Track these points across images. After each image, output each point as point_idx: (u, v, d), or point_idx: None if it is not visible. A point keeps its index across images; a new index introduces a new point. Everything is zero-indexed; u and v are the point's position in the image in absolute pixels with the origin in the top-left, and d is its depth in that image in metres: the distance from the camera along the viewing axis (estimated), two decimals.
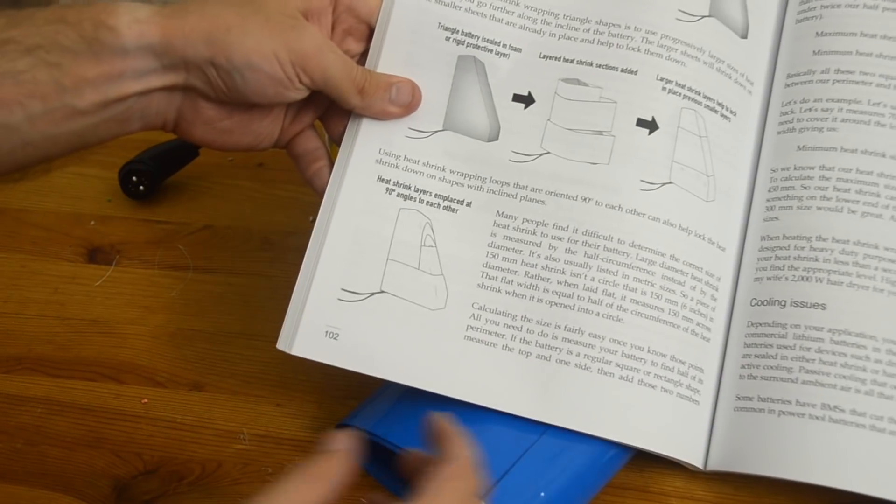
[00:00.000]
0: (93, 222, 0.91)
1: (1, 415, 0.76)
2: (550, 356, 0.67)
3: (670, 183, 0.70)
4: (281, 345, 0.69)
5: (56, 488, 0.71)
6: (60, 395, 0.77)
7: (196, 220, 0.91)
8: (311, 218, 0.89)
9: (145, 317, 0.83)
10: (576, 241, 0.69)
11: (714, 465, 0.68)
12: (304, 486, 0.52)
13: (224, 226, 0.90)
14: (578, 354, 0.67)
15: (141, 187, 0.91)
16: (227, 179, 0.94)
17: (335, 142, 0.74)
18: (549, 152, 0.71)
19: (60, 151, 0.65)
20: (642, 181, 0.70)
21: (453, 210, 0.70)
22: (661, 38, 0.72)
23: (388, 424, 0.67)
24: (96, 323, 0.82)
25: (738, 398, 0.69)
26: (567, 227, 0.69)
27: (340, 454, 0.53)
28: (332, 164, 0.72)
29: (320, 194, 0.72)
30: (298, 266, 0.70)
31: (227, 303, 0.83)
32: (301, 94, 0.68)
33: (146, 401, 0.76)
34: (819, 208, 0.70)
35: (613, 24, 0.73)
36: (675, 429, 0.68)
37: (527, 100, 0.72)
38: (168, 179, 0.93)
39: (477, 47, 0.73)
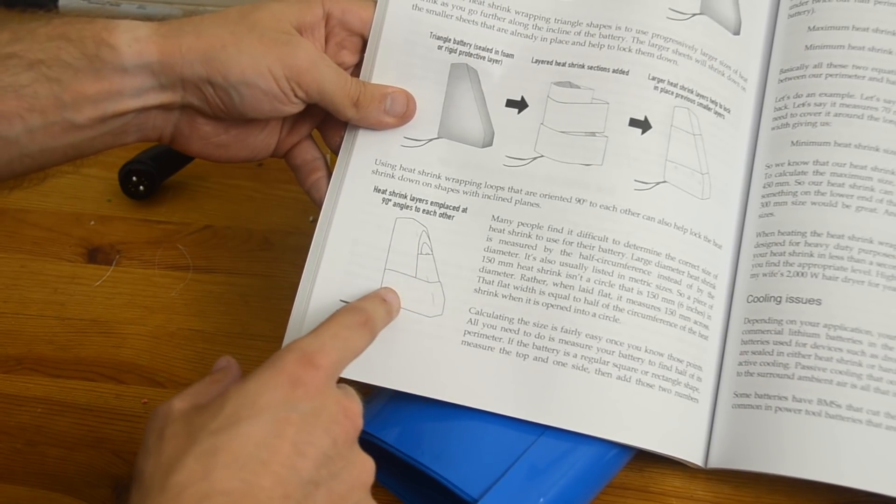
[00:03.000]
0: (93, 222, 0.90)
1: (1, 415, 0.75)
2: (548, 358, 0.67)
3: (664, 182, 0.70)
4: None
5: (56, 488, 0.71)
6: (60, 395, 0.77)
7: (196, 220, 0.90)
8: (311, 218, 0.89)
9: (145, 317, 0.82)
10: (571, 243, 0.69)
11: (714, 463, 0.68)
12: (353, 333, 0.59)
13: (224, 226, 0.90)
14: (576, 356, 0.67)
15: (141, 187, 0.91)
16: (227, 179, 0.94)
17: (333, 151, 0.74)
18: (542, 156, 0.71)
19: (56, 161, 0.66)
20: (636, 181, 0.70)
21: (449, 217, 0.70)
22: (652, 37, 0.72)
23: (384, 425, 0.66)
24: (96, 323, 0.82)
25: (736, 395, 0.68)
26: (562, 229, 0.69)
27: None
28: (329, 174, 0.73)
29: (318, 205, 0.72)
30: (299, 266, 0.70)
31: (227, 303, 0.83)
32: (297, 107, 0.68)
33: (146, 401, 0.76)
34: (813, 203, 0.70)
35: (604, 26, 0.73)
36: (674, 427, 0.68)
37: (520, 105, 0.72)
38: (168, 179, 0.93)
39: (469, 55, 0.73)
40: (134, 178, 0.90)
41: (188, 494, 0.48)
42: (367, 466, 0.55)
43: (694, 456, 0.68)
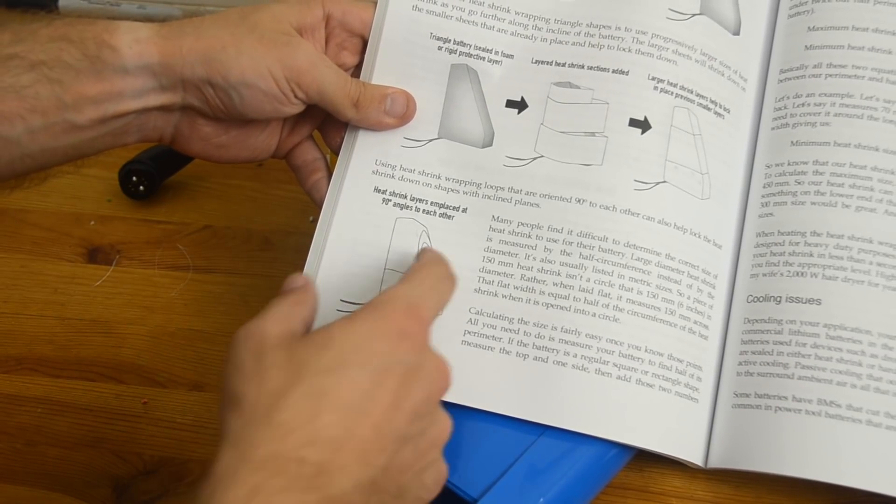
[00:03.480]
0: (93, 222, 0.90)
1: (1, 415, 0.76)
2: (548, 358, 0.67)
3: (664, 182, 0.70)
4: None
5: (56, 488, 0.71)
6: (60, 395, 0.77)
7: (196, 220, 0.90)
8: (311, 218, 0.89)
9: (145, 317, 0.82)
10: (571, 243, 0.69)
11: (714, 463, 0.68)
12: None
13: (224, 226, 0.90)
14: (576, 355, 0.67)
15: (141, 187, 0.91)
16: (227, 179, 0.94)
17: (333, 151, 0.74)
18: (542, 156, 0.71)
19: (57, 162, 0.66)
20: (636, 181, 0.70)
21: (449, 217, 0.70)
22: (652, 37, 0.72)
23: None
24: (96, 323, 0.82)
25: (736, 395, 0.68)
26: (562, 230, 0.69)
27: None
28: (330, 175, 0.73)
29: (319, 206, 0.72)
30: (298, 266, 0.70)
31: (227, 303, 0.83)
32: (297, 108, 0.68)
33: (146, 401, 0.76)
34: (813, 203, 0.70)
35: (604, 26, 0.73)
36: (674, 427, 0.68)
37: (520, 105, 0.72)
38: (168, 179, 0.93)
39: (469, 55, 0.73)
40: (134, 178, 0.90)
41: (295, 437, 0.49)
42: (447, 425, 0.56)
43: (694, 456, 0.68)
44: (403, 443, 0.52)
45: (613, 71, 0.71)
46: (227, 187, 0.93)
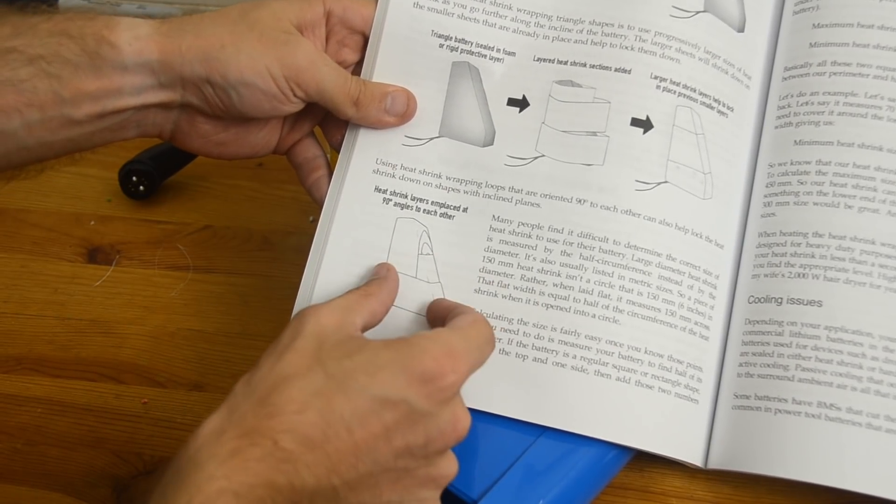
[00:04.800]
0: (93, 222, 0.91)
1: (1, 415, 0.76)
2: (547, 359, 0.67)
3: (666, 182, 0.70)
4: None
5: (56, 488, 0.71)
6: (60, 395, 0.77)
7: (196, 220, 0.91)
8: (311, 218, 0.89)
9: (145, 317, 0.83)
10: (571, 244, 0.69)
11: (714, 464, 0.68)
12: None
13: (224, 226, 0.90)
14: (575, 357, 0.67)
15: (141, 187, 0.91)
16: (227, 179, 0.94)
17: (334, 148, 0.74)
18: (543, 155, 0.71)
19: (54, 155, 0.66)
20: (637, 181, 0.70)
21: (450, 216, 0.71)
22: (655, 35, 0.72)
23: None
24: (96, 323, 0.82)
25: (736, 396, 0.69)
26: (562, 230, 0.69)
27: None
28: (330, 173, 0.73)
29: (319, 204, 0.72)
30: (298, 266, 0.70)
31: (227, 303, 0.83)
32: (296, 106, 0.69)
33: (146, 401, 0.77)
34: (816, 204, 0.70)
35: (607, 24, 0.73)
36: (674, 428, 0.68)
37: (521, 104, 0.72)
38: (168, 179, 0.93)
39: (471, 53, 0.73)
40: (134, 178, 0.91)
41: (278, 421, 0.52)
42: (448, 470, 0.57)
43: (693, 457, 0.68)
44: (382, 471, 0.54)
45: (616, 69, 0.72)
46: (227, 187, 0.94)
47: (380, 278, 0.64)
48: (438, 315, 0.66)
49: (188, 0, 1.09)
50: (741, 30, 0.75)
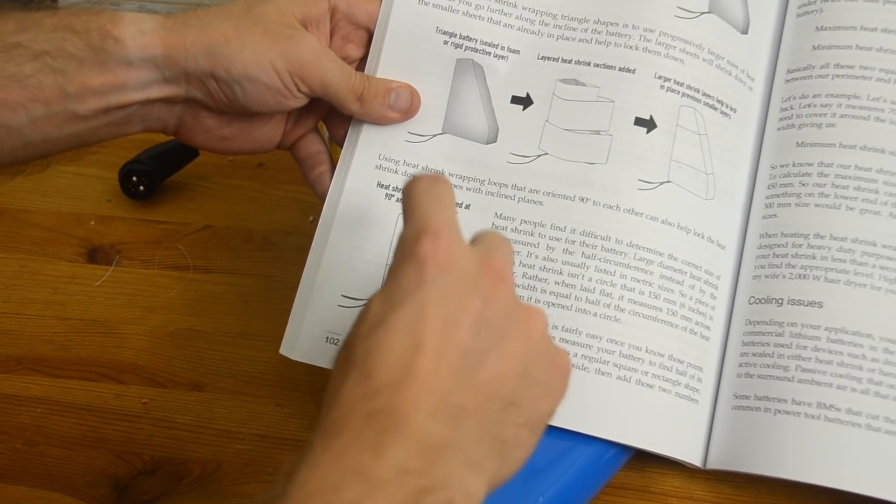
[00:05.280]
0: (93, 222, 0.91)
1: (1, 415, 0.76)
2: None
3: (669, 182, 0.71)
4: (284, 350, 0.70)
5: (56, 488, 0.71)
6: (60, 395, 0.77)
7: (196, 220, 0.91)
8: (311, 218, 0.89)
9: (145, 317, 0.83)
10: (573, 242, 0.69)
11: (713, 464, 0.69)
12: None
13: (224, 226, 0.90)
14: (576, 355, 0.68)
15: (141, 187, 0.91)
16: (227, 179, 0.95)
17: (338, 143, 0.74)
18: (547, 153, 0.71)
19: (59, 150, 0.67)
20: (640, 180, 0.70)
21: None
22: (660, 35, 0.73)
23: None
24: (96, 323, 0.82)
25: (736, 397, 0.69)
26: (565, 228, 0.70)
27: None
28: (333, 168, 0.73)
29: (322, 199, 0.72)
30: (299, 266, 0.71)
31: (227, 303, 0.84)
32: (301, 102, 0.69)
33: (146, 401, 0.77)
34: (817, 205, 0.70)
35: (611, 23, 0.73)
36: (673, 428, 0.68)
37: (525, 101, 0.73)
38: (168, 179, 0.93)
39: (475, 50, 0.74)
40: (134, 178, 0.91)
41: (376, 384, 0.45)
42: (536, 317, 0.51)
43: (693, 457, 0.68)
44: (482, 355, 0.48)
45: (620, 69, 0.72)
46: (227, 187, 0.94)
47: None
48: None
49: (189, 0, 1.09)
50: (745, 31, 0.75)
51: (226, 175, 0.95)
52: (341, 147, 0.74)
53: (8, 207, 0.92)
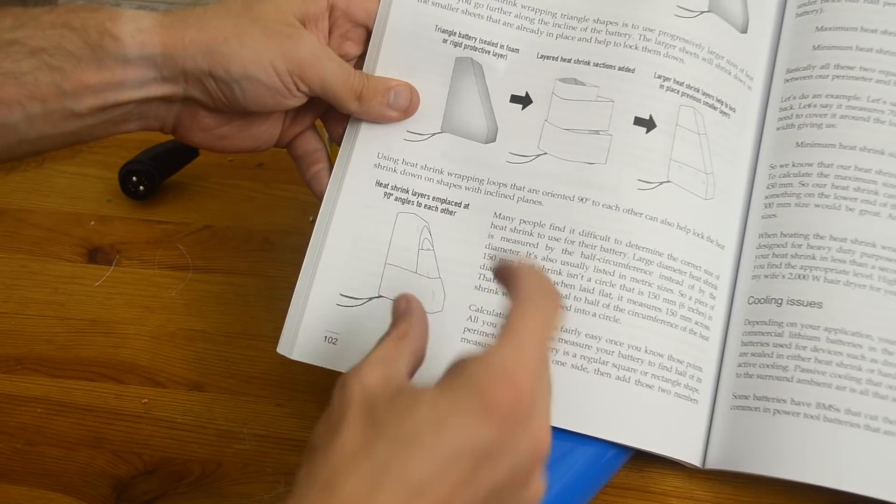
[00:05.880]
0: (93, 222, 0.91)
1: (1, 415, 0.76)
2: None
3: (668, 182, 0.71)
4: (281, 349, 0.70)
5: (56, 488, 0.71)
6: (60, 395, 0.77)
7: (196, 220, 0.91)
8: (311, 218, 0.89)
9: (145, 317, 0.83)
10: (573, 242, 0.69)
11: (712, 464, 0.69)
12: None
13: (224, 226, 0.90)
14: (575, 355, 0.68)
15: (141, 187, 0.91)
16: (227, 179, 0.95)
17: (335, 142, 0.74)
18: (546, 153, 0.71)
19: (55, 147, 0.67)
20: (640, 180, 0.70)
21: (451, 213, 0.71)
22: (659, 34, 0.73)
23: None
24: (96, 323, 0.82)
25: (735, 397, 0.69)
26: (564, 228, 0.70)
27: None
28: (331, 166, 0.73)
29: (319, 198, 0.72)
30: (298, 266, 0.71)
31: (227, 303, 0.83)
32: (299, 100, 0.69)
33: (146, 401, 0.77)
34: (817, 206, 0.71)
35: (611, 22, 0.74)
36: (673, 428, 0.69)
37: (524, 100, 0.73)
38: (168, 179, 0.93)
39: (474, 49, 0.74)
40: (134, 178, 0.91)
41: None
42: (539, 490, 0.52)
43: (692, 457, 0.69)
44: None
45: (619, 68, 0.72)
46: (227, 187, 0.94)
47: (404, 313, 0.58)
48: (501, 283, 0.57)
49: (188, 0, 1.09)
50: (744, 31, 0.75)
51: (226, 175, 0.95)
52: (339, 145, 0.73)
53: (8, 207, 0.92)
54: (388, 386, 0.51)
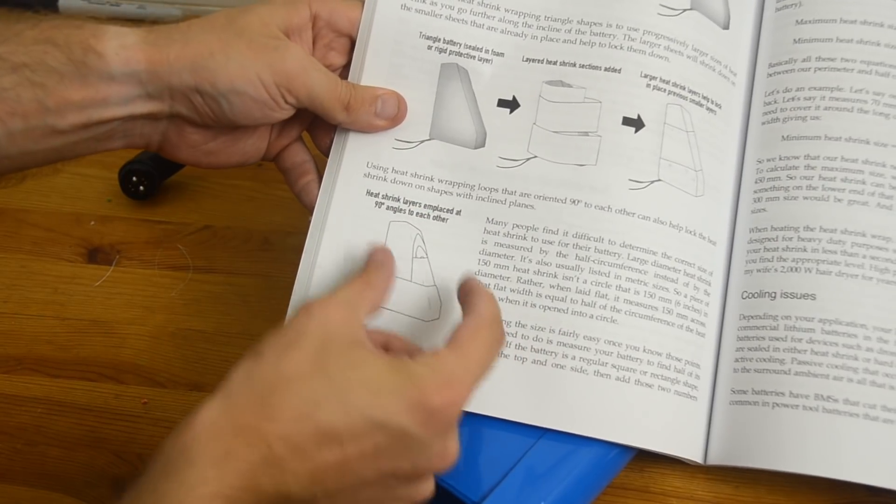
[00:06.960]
0: (93, 222, 0.88)
1: (1, 415, 0.74)
2: (546, 361, 0.65)
3: (658, 180, 0.68)
4: None
5: (56, 488, 0.70)
6: (60, 395, 0.75)
7: (196, 220, 0.88)
8: (310, 218, 0.87)
9: (145, 317, 0.80)
10: (566, 244, 0.67)
11: (714, 460, 0.67)
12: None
13: (224, 226, 0.88)
14: (574, 358, 0.65)
15: (141, 187, 0.88)
16: (227, 179, 0.92)
17: (323, 153, 0.72)
18: (536, 156, 0.69)
19: (37, 164, 0.65)
20: (630, 180, 0.68)
21: (443, 220, 0.68)
22: (644, 34, 0.70)
23: None
24: (96, 323, 0.80)
25: (734, 392, 0.67)
26: (557, 231, 0.67)
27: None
28: (320, 178, 0.70)
29: (309, 210, 0.70)
30: (298, 266, 0.68)
31: (227, 303, 0.81)
32: (287, 113, 0.66)
33: (146, 401, 0.75)
34: (805, 198, 0.68)
35: (595, 23, 0.71)
36: (674, 426, 0.66)
37: (512, 104, 0.70)
38: (168, 179, 0.91)
39: (459, 54, 0.70)
40: (134, 178, 0.88)
41: (275, 426, 0.49)
42: (425, 493, 0.55)
43: (693, 454, 0.66)
44: (363, 486, 0.52)
45: (605, 69, 0.69)
46: (227, 187, 0.91)
47: (378, 263, 0.60)
48: (461, 298, 0.61)
49: (188, 0, 1.06)
50: (726, 27, 0.73)
51: (226, 175, 0.92)
52: (327, 156, 0.71)
53: (8, 207, 0.90)
54: (347, 329, 0.53)
